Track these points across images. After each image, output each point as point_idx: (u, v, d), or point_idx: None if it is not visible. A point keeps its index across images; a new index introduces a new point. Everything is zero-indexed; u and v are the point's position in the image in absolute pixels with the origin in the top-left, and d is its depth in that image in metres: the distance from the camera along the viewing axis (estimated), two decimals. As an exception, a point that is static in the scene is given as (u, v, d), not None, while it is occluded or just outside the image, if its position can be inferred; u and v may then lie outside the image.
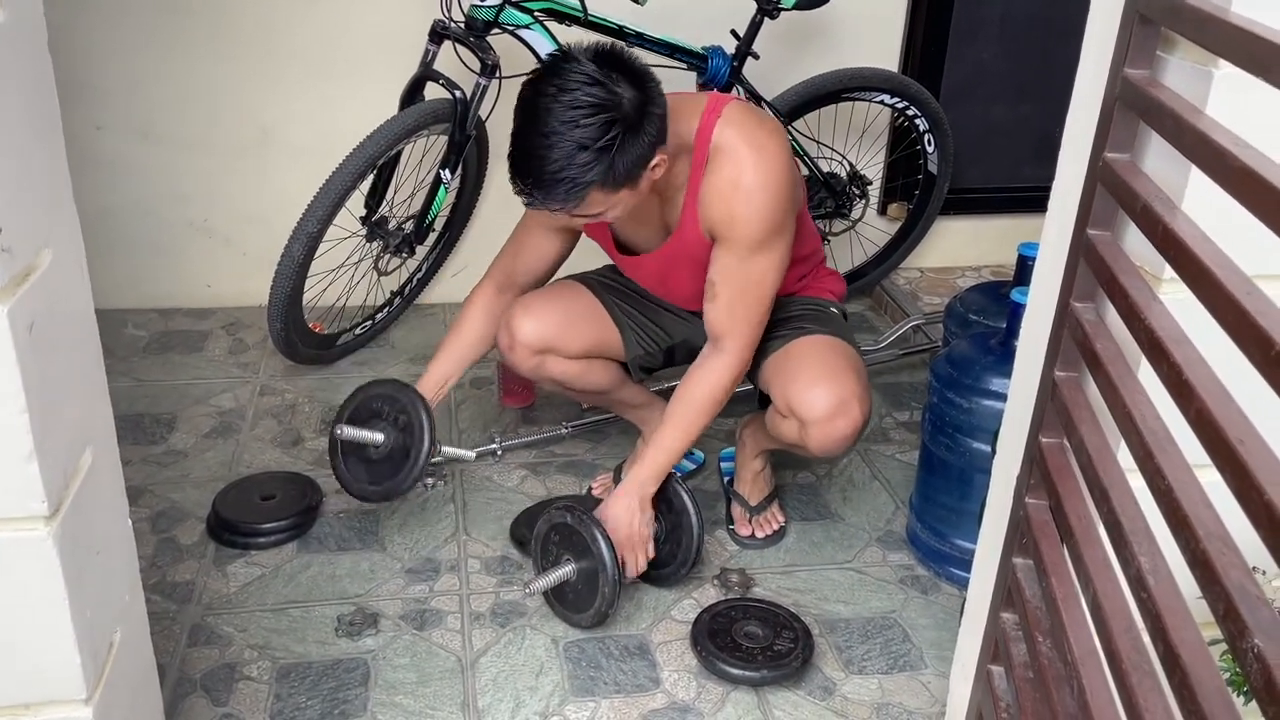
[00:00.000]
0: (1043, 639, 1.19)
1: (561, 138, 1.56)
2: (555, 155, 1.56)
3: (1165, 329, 0.93)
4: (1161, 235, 0.93)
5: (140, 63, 2.73)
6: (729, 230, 1.74)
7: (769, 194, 1.71)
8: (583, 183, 1.58)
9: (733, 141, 1.72)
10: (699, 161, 1.74)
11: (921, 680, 1.78)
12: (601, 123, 1.56)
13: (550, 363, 1.97)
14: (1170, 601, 0.86)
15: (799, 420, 1.81)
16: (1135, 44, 1.06)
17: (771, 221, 1.73)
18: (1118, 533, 0.95)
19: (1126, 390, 1.00)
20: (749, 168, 1.70)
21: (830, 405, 1.78)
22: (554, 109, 1.56)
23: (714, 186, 1.73)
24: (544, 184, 1.59)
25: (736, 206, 1.71)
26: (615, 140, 1.57)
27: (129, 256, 2.90)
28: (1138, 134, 1.09)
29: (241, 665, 1.75)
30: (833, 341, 1.91)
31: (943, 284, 3.22)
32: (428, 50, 2.46)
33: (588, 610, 1.81)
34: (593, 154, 1.56)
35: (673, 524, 1.90)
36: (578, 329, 1.99)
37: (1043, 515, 1.25)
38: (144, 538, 2.04)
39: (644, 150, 1.61)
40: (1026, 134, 3.19)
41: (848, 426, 1.80)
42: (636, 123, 1.59)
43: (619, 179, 1.61)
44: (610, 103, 1.57)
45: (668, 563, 1.92)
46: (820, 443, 1.81)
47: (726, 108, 1.75)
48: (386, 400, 1.99)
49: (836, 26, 2.96)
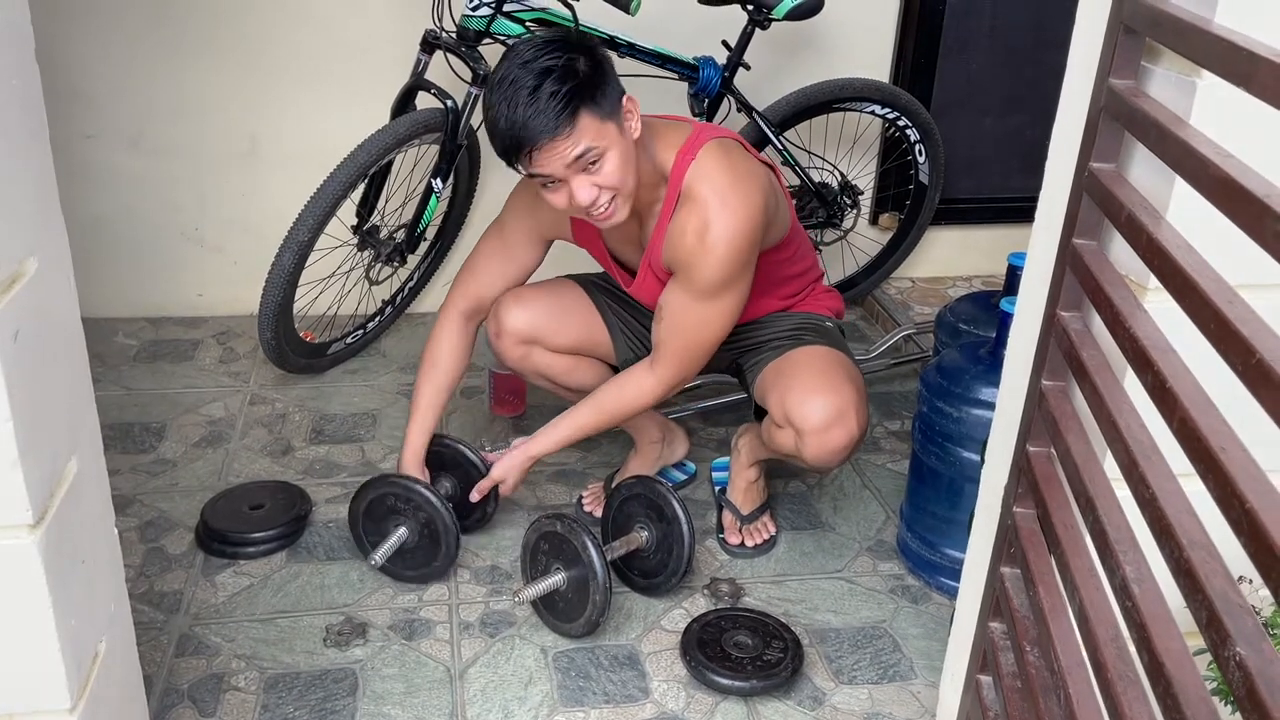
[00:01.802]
0: (1030, 648, 1.19)
1: (527, 73, 1.59)
2: (529, 87, 1.58)
3: (1149, 338, 0.93)
4: (1146, 245, 0.94)
5: (131, 71, 2.73)
6: (685, 273, 1.76)
7: (726, 249, 1.71)
8: (564, 93, 1.58)
9: (702, 192, 1.72)
10: (670, 199, 1.76)
11: (911, 690, 1.77)
12: (560, 49, 1.61)
13: (536, 355, 1.98)
14: (1155, 610, 0.86)
15: (795, 430, 1.81)
16: (1120, 54, 1.06)
17: (724, 275, 1.73)
18: (1103, 541, 0.95)
19: (1112, 399, 1.00)
20: (710, 221, 1.70)
21: (827, 416, 1.78)
22: (513, 67, 1.61)
23: (677, 230, 1.74)
24: (533, 118, 1.58)
25: (694, 256, 1.72)
26: (579, 61, 1.60)
27: (120, 265, 2.90)
28: (1123, 144, 1.10)
29: (229, 675, 1.74)
30: (829, 352, 1.91)
31: (934, 294, 3.22)
32: (419, 60, 2.46)
33: (578, 619, 1.81)
34: (561, 71, 1.59)
35: (663, 533, 1.90)
36: (566, 323, 2.00)
37: (1030, 524, 1.25)
38: (132, 547, 2.03)
39: (612, 84, 1.64)
40: (1017, 144, 3.21)
41: (844, 437, 1.80)
42: (593, 58, 1.63)
43: (603, 102, 1.62)
44: (562, 42, 1.63)
45: (658, 572, 1.92)
46: (816, 453, 1.81)
47: (703, 149, 1.74)
48: (396, 498, 1.95)
49: (828, 37, 2.97)
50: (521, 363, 2.02)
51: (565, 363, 2.02)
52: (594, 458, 2.40)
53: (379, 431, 2.46)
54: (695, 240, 1.71)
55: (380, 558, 1.91)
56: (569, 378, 2.03)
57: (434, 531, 1.92)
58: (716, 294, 1.75)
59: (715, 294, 1.75)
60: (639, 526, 1.91)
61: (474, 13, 2.36)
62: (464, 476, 2.05)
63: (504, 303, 1.98)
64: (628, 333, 2.05)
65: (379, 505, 1.95)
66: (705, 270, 1.73)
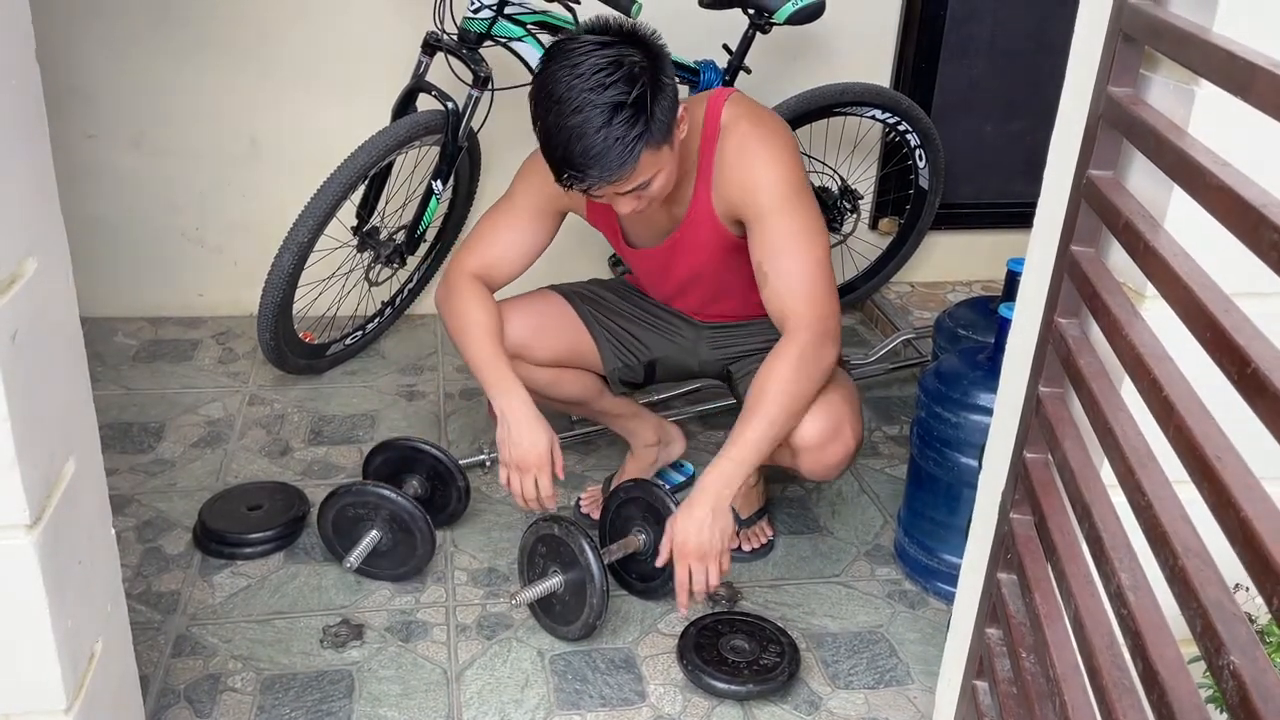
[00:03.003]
0: (1026, 654, 1.20)
1: (595, 106, 1.53)
2: (596, 123, 1.54)
3: (1146, 346, 0.93)
4: (1143, 252, 0.94)
5: (132, 72, 2.73)
6: (751, 198, 1.71)
7: (780, 159, 1.71)
8: (631, 139, 1.55)
9: (740, 120, 1.73)
10: (709, 138, 1.75)
11: (908, 695, 1.77)
12: (625, 76, 1.55)
13: (520, 369, 1.96)
14: (1150, 618, 0.86)
15: (790, 447, 1.79)
16: (1119, 63, 1.07)
17: (788, 182, 1.70)
18: (1099, 548, 0.95)
19: (1109, 406, 1.00)
20: (757, 140, 1.71)
21: (822, 433, 1.77)
22: (575, 84, 1.54)
23: (727, 163, 1.73)
24: (595, 157, 1.55)
25: (751, 174, 1.70)
26: (645, 88, 1.56)
27: (119, 265, 2.90)
28: (1121, 151, 1.10)
29: (226, 676, 1.74)
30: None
31: (933, 299, 3.22)
32: (420, 62, 2.46)
33: (575, 622, 1.81)
34: (630, 108, 1.54)
35: (660, 536, 1.90)
36: (549, 336, 1.97)
37: (1027, 531, 1.25)
38: (130, 547, 2.03)
39: (672, 94, 1.61)
40: (1017, 150, 3.21)
41: (841, 452, 1.80)
42: (654, 68, 1.59)
43: (661, 130, 1.59)
44: (624, 57, 1.56)
45: (655, 575, 1.91)
46: (813, 469, 1.81)
47: (733, 95, 1.78)
48: (355, 506, 1.94)
49: (829, 42, 2.97)
50: None
51: (550, 375, 1.99)
52: (592, 460, 2.40)
53: (377, 433, 2.46)
54: (746, 157, 1.70)
55: (355, 559, 1.91)
56: (555, 390, 2.01)
57: (403, 524, 1.92)
58: (792, 200, 1.70)
59: (790, 201, 1.70)
60: (636, 529, 1.91)
61: (475, 15, 2.36)
62: (433, 476, 2.08)
63: None
64: (614, 341, 2.03)
65: (343, 519, 1.95)
66: (769, 179, 1.69)
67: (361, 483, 1.95)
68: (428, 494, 2.08)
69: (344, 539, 1.95)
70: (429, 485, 2.08)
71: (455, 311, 1.88)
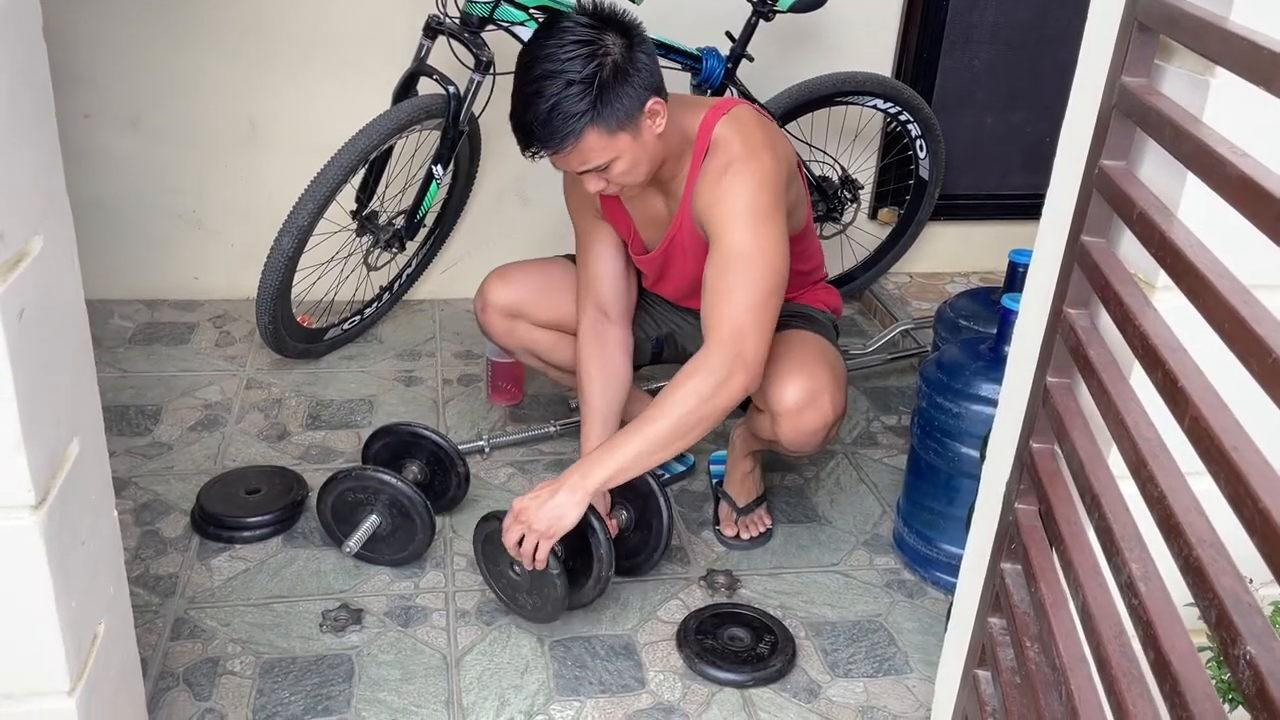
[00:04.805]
0: (1030, 644, 1.20)
1: (552, 77, 1.61)
2: (548, 93, 1.61)
3: (1160, 336, 0.93)
4: (1159, 243, 0.93)
5: (130, 52, 2.71)
6: (712, 212, 1.71)
7: (754, 183, 1.69)
8: (575, 114, 1.61)
9: (731, 138, 1.74)
10: (699, 150, 1.77)
11: (907, 684, 1.78)
12: (585, 55, 1.61)
13: (521, 329, 2.01)
14: (1161, 607, 0.86)
15: (770, 413, 1.82)
16: (1133, 51, 1.06)
17: (759, 208, 1.68)
18: (1109, 539, 0.95)
19: (1119, 397, 1.00)
20: (740, 161, 1.71)
21: (800, 398, 1.78)
22: (543, 55, 1.62)
23: (707, 177, 1.75)
24: (540, 124, 1.62)
25: (721, 186, 1.71)
26: (600, 71, 1.61)
27: (117, 247, 2.88)
28: (1134, 141, 1.10)
29: (224, 660, 1.74)
30: (809, 337, 1.92)
31: (932, 289, 3.22)
32: (421, 45, 2.45)
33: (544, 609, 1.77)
34: (580, 86, 1.60)
35: (640, 509, 1.90)
36: (551, 298, 2.03)
37: (1032, 521, 1.25)
38: (128, 530, 2.02)
39: (635, 91, 1.64)
40: (1018, 141, 3.20)
41: (818, 419, 1.80)
42: (624, 60, 1.64)
43: (614, 118, 1.63)
44: (595, 40, 1.63)
45: (639, 550, 1.91)
46: (790, 436, 1.82)
47: (736, 108, 1.78)
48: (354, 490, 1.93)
49: (831, 30, 2.96)
50: (507, 337, 2.06)
51: (550, 338, 2.05)
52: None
53: (375, 417, 2.45)
54: (720, 172, 1.71)
55: (355, 544, 1.91)
56: (554, 354, 2.07)
57: (403, 510, 1.92)
58: (747, 220, 1.67)
59: (745, 220, 1.67)
60: (617, 508, 1.91)
61: (478, -1, 2.34)
62: (433, 462, 2.08)
63: (490, 278, 2.05)
64: None
65: (342, 504, 1.95)
66: (732, 195, 1.69)
67: (362, 467, 1.95)
68: (427, 479, 2.08)
69: (343, 524, 1.95)
70: (429, 471, 2.08)
71: (577, 371, 1.97)
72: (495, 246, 3.00)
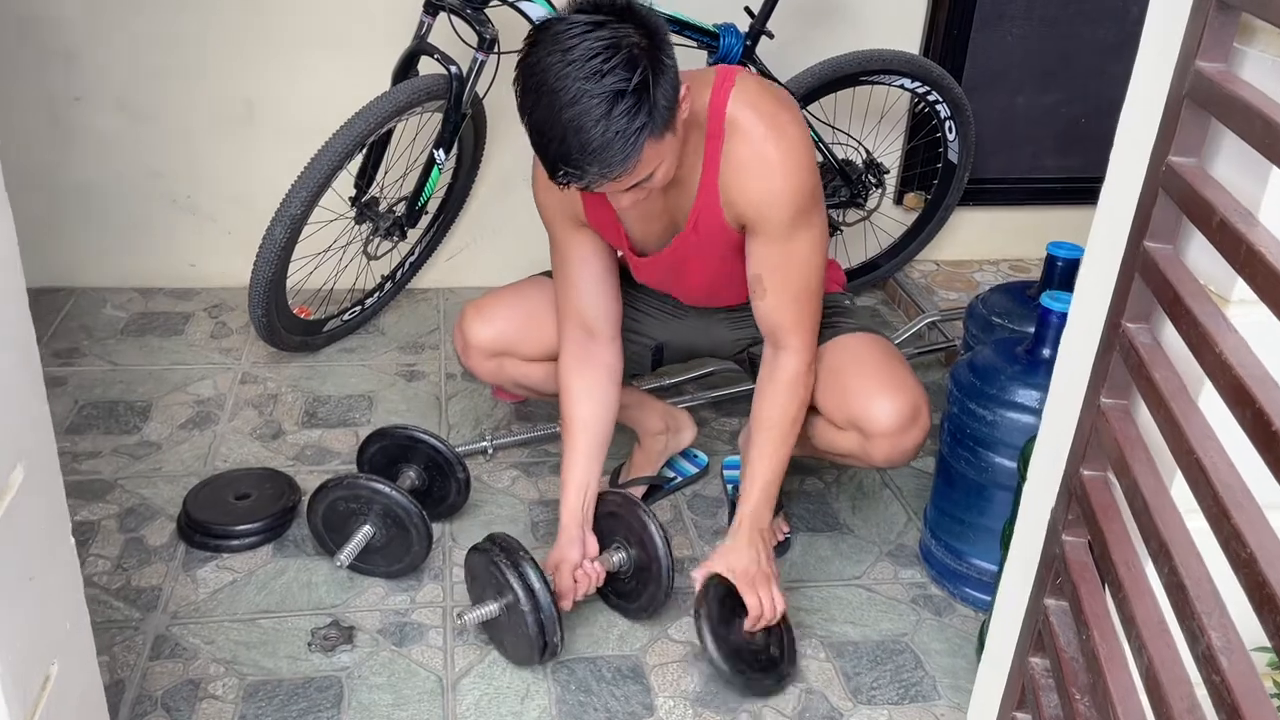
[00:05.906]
0: (1080, 695, 1.07)
1: (592, 96, 1.34)
2: (595, 115, 1.35)
3: (1246, 365, 0.80)
4: (1244, 255, 0.80)
5: (120, 32, 2.59)
6: (762, 212, 1.58)
7: (796, 168, 1.56)
8: (633, 131, 1.36)
9: (750, 118, 1.55)
10: (714, 134, 1.58)
11: (935, 713, 1.66)
12: (624, 61, 1.35)
13: (510, 366, 1.83)
14: (1248, 687, 0.73)
15: (862, 433, 1.67)
16: (1210, 33, 0.92)
17: (803, 195, 1.57)
18: (1181, 598, 0.83)
19: (1193, 431, 0.87)
20: (772, 145, 1.55)
21: (901, 417, 1.64)
22: (567, 73, 1.35)
23: (736, 168, 1.57)
24: (594, 153, 1.36)
25: (765, 185, 1.56)
26: (646, 73, 1.37)
27: (109, 233, 2.77)
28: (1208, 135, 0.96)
29: (206, 682, 1.63)
30: (877, 340, 1.77)
31: (959, 278, 3.08)
32: (422, 22, 2.32)
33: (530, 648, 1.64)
34: (631, 96, 1.35)
35: (641, 563, 1.74)
36: (536, 328, 1.82)
37: (1082, 556, 1.12)
38: (110, 537, 1.92)
39: (671, 81, 1.42)
40: (1052, 123, 3.05)
41: (919, 436, 1.68)
42: (654, 48, 1.40)
43: (662, 120, 1.41)
44: (620, 38, 1.36)
45: (632, 599, 1.77)
46: (888, 455, 1.69)
47: (738, 79, 1.58)
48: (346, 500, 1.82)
49: (856, 6, 2.81)
50: (495, 376, 1.88)
51: (542, 371, 1.84)
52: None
53: (375, 415, 2.34)
54: (757, 168, 1.55)
55: (345, 558, 1.80)
56: (550, 385, 1.84)
57: (397, 520, 1.81)
58: (800, 221, 1.58)
59: (799, 221, 1.58)
60: (615, 547, 1.77)
61: (481, -27, 2.21)
62: (431, 467, 1.96)
63: (468, 316, 1.84)
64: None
65: (333, 513, 1.84)
66: (781, 196, 1.55)
67: (353, 476, 1.83)
68: (425, 485, 1.97)
69: (335, 534, 1.84)
70: (426, 476, 1.97)
71: (560, 398, 1.79)
72: (501, 233, 2.88)
